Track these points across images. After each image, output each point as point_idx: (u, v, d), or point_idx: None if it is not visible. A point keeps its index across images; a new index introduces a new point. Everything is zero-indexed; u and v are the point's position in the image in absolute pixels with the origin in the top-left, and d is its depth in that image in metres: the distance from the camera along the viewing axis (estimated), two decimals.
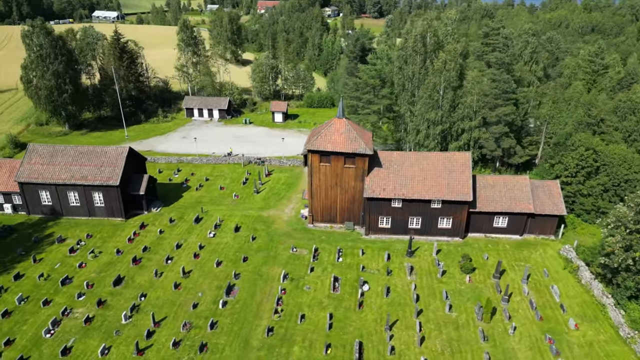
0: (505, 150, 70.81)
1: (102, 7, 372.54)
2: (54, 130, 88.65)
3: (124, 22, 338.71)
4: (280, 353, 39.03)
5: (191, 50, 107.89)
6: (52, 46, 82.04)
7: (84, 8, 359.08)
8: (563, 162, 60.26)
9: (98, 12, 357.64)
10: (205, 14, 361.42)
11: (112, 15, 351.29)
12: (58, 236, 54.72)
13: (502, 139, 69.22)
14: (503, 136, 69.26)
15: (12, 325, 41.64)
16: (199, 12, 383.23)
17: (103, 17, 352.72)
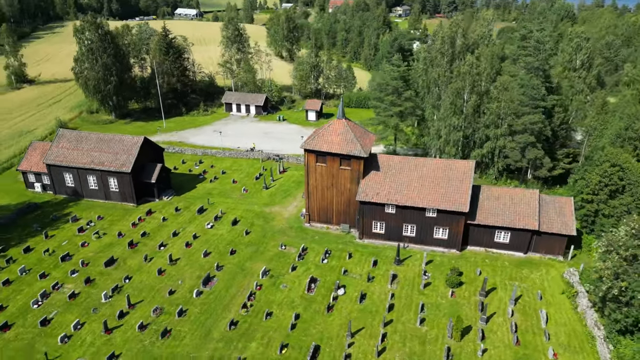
0: (531, 161, 66.18)
1: (184, 5, 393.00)
2: (102, 119, 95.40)
3: (201, 19, 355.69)
4: (236, 347, 39.51)
5: (236, 47, 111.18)
6: (100, 40, 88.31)
7: (167, 6, 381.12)
8: (585, 178, 55.30)
9: (180, 10, 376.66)
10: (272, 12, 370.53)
11: (191, 12, 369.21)
12: (73, 216, 59.02)
13: (528, 149, 64.78)
14: (529, 146, 64.80)
15: (9, 293, 45.66)
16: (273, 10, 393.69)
17: (184, 14, 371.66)
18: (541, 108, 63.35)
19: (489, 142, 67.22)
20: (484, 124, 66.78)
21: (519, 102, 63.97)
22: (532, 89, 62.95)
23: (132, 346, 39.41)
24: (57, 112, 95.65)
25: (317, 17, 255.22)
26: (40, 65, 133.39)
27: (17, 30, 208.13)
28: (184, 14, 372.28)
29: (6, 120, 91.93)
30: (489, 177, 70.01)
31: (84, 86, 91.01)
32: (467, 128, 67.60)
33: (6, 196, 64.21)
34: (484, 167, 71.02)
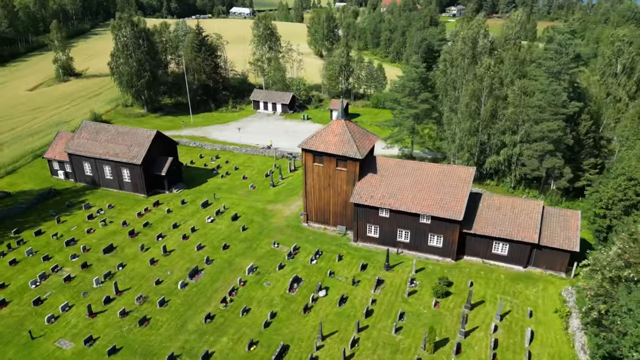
0: (549, 170, 62.64)
1: (240, 4, 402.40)
2: (135, 112, 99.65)
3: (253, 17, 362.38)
4: (207, 340, 40.16)
5: (267, 46, 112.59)
6: (135, 37, 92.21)
7: (223, 5, 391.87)
8: (600, 191, 51.69)
9: (235, 9, 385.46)
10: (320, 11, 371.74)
11: (245, 11, 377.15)
12: (86, 203, 62.13)
13: (546, 158, 61.37)
14: (547, 154, 61.37)
15: (13, 273, 48.77)
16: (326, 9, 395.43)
17: (238, 13, 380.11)
18: (561, 115, 59.77)
19: (505, 148, 64.30)
20: (500, 130, 63.94)
21: (537, 108, 60.74)
22: (551, 94, 59.55)
23: (110, 331, 41.02)
24: (95, 104, 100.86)
25: (364, 16, 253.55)
26: (90, 60, 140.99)
27: (77, 26, 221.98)
28: (238, 12, 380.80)
29: (48, 110, 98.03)
30: (506, 185, 66.99)
31: (118, 80, 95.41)
32: (483, 133, 64.95)
33: (31, 182, 68.58)
34: (501, 175, 68.06)
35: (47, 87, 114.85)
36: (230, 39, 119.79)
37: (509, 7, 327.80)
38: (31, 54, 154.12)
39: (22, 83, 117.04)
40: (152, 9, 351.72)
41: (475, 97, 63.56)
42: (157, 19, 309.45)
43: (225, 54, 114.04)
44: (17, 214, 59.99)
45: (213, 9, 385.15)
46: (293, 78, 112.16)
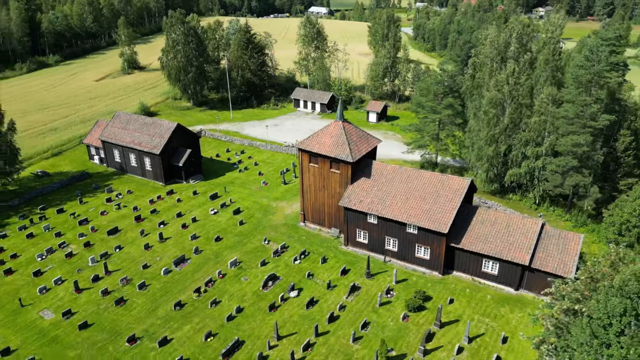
0: (574, 189, 57.37)
1: (318, 3, 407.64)
2: (182, 105, 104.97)
3: (330, 17, 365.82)
4: (171, 327, 41.70)
5: (314, 45, 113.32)
6: (184, 34, 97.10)
7: (302, 4, 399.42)
8: (615, 215, 46.58)
9: (313, 8, 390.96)
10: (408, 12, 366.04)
11: (323, 10, 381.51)
12: (109, 187, 66.72)
13: (569, 174, 56.34)
14: (571, 171, 56.31)
15: (27, 245, 53.71)
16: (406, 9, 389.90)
17: (316, 12, 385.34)
18: (589, 129, 54.46)
19: (527, 160, 59.87)
20: (522, 140, 59.59)
21: (564, 119, 55.87)
22: (579, 105, 54.46)
23: (88, 307, 43.95)
24: (148, 96, 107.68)
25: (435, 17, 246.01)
26: (157, 54, 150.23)
27: (159, 23, 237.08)
28: (316, 12, 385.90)
29: (106, 100, 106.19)
30: (529, 201, 62.31)
31: (167, 74, 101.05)
32: (502, 143, 60.92)
33: (71, 164, 74.87)
34: (524, 189, 63.46)
35: (112, 79, 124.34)
36: (295, 38, 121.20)
37: (605, 9, 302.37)
38: (110, 48, 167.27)
39: (92, 74, 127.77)
40: (234, 8, 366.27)
41: (495, 104, 59.78)
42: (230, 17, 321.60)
43: (273, 52, 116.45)
44: (49, 192, 65.90)
45: (291, 8, 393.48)
46: (337, 78, 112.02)
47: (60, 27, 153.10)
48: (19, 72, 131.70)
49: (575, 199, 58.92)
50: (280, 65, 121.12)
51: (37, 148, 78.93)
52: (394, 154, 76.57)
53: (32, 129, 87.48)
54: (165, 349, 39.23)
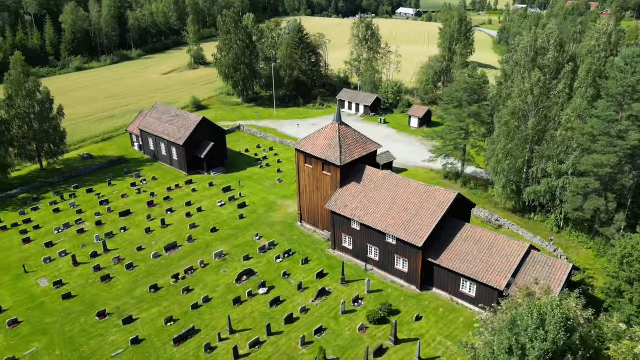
0: (595, 214, 51.60)
1: (408, 4, 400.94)
2: (232, 101, 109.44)
3: (416, 19, 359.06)
4: (141, 307, 44.18)
5: (367, 47, 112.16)
6: (236, 33, 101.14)
7: (390, 5, 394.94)
8: (619, 246, 41.29)
9: (401, 9, 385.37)
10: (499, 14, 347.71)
11: (410, 12, 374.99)
12: (137, 173, 71.70)
13: (590, 197, 50.80)
14: (593, 194, 50.76)
15: (52, 219, 59.54)
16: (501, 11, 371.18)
17: (403, 13, 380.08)
18: (614, 148, 48.67)
19: (547, 178, 54.91)
20: (543, 155, 54.72)
21: (589, 136, 50.50)
22: (605, 121, 48.90)
23: (78, 280, 47.92)
24: (205, 91, 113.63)
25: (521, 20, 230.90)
26: None
27: None
28: (404, 13, 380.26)
29: (167, 92, 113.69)
30: (550, 223, 57.08)
31: (219, 71, 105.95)
32: (519, 156, 56.31)
33: (115, 149, 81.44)
34: (546, 211, 58.26)
35: (178, 73, 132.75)
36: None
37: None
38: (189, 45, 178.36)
39: (162, 68, 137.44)
40: (321, 8, 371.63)
41: (517, 114, 55.47)
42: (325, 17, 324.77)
43: (327, 52, 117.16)
44: (87, 173, 72.39)
45: (378, 9, 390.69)
46: (387, 80, 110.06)
47: (145, 24, 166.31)
48: (103, 63, 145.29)
49: (597, 225, 52.87)
50: (335, 66, 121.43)
51: (91, 132, 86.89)
52: (415, 161, 73.79)
53: (92, 115, 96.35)
54: (128, 327, 41.68)
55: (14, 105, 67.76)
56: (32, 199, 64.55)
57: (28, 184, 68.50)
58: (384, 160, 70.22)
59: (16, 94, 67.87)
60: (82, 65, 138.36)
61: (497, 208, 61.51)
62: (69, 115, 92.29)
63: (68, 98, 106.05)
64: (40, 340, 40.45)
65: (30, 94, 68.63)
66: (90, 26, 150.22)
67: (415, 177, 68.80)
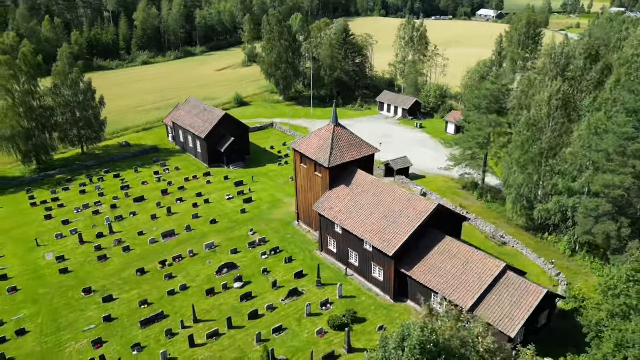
0: (606, 238, 46.82)
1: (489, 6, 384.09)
2: (273, 98, 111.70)
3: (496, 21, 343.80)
4: (124, 289, 46.81)
5: (414, 49, 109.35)
6: (279, 32, 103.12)
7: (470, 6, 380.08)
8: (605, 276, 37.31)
9: (482, 11, 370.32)
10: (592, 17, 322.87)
11: (491, 14, 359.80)
12: (163, 162, 75.72)
13: (601, 220, 46.25)
14: (605, 217, 46.16)
15: (76, 199, 64.58)
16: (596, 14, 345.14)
17: (484, 15, 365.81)
18: (631, 168, 43.90)
19: (558, 196, 50.69)
20: (553, 171, 50.59)
21: (604, 153, 45.98)
22: (620, 138, 44.24)
23: (78, 257, 51.78)
24: (250, 88, 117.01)
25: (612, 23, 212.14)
26: None
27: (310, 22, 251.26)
28: (484, 15, 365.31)
29: (214, 87, 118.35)
30: (563, 245, 52.67)
31: (262, 69, 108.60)
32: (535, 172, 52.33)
33: (151, 139, 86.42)
34: (559, 231, 53.79)
35: (232, 70, 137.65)
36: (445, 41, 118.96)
37: None
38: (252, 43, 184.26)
39: (217, 65, 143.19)
40: (396, 9, 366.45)
41: (531, 126, 51.69)
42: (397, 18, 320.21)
43: (373, 53, 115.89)
44: (120, 160, 77.64)
45: (457, 10, 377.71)
46: (430, 84, 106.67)
47: (211, 22, 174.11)
48: (167, 58, 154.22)
49: (609, 252, 47.89)
50: (382, 67, 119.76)
51: (135, 122, 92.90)
52: (437, 168, 70.91)
53: (141, 107, 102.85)
54: (106, 305, 44.44)
55: (59, 94, 74.19)
56: (66, 180, 70.49)
57: (67, 166, 74.84)
58: (399, 166, 68.45)
59: (62, 83, 74.26)
60: (148, 59, 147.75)
61: (510, 224, 57.72)
62: (120, 106, 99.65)
63: (124, 89, 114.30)
64: (30, 309, 44.31)
65: (74, 84, 74.80)
66: (159, 23, 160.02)
67: (431, 185, 66.59)
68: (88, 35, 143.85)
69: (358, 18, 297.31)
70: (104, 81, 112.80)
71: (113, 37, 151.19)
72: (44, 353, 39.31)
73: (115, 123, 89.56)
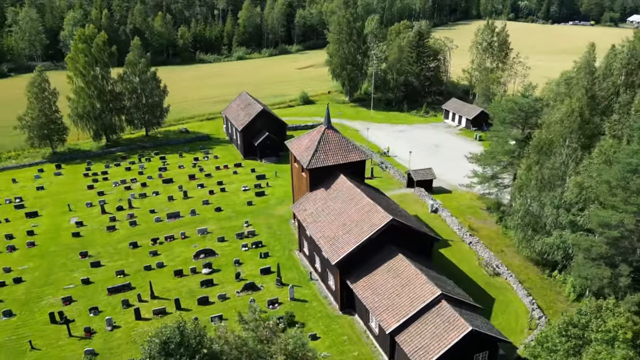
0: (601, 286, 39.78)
1: None
2: (339, 99, 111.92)
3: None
4: (113, 257, 51.82)
5: (492, 55, 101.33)
6: (347, 33, 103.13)
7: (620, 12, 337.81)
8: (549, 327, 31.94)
9: (634, 17, 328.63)
10: None
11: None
12: (207, 150, 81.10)
13: (596, 264, 39.54)
14: (601, 259, 39.43)
15: (120, 175, 72.25)
16: None
17: (635, 21, 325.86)
18: (633, 206, 36.85)
19: (559, 230, 44.32)
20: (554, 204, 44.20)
21: (607, 185, 39.24)
22: (624, 170, 37.29)
23: (93, 224, 58.44)
24: (323, 86, 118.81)
25: None
26: None
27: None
28: (635, 20, 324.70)
29: (287, 84, 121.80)
30: (568, 287, 45.87)
31: (329, 69, 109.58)
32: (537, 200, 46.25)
33: (208, 128, 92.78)
34: (568, 270, 46.87)
35: (312, 69, 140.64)
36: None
37: None
38: None
39: (302, 63, 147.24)
40: (528, 12, 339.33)
41: (539, 148, 45.80)
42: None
43: (449, 58, 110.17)
44: (173, 144, 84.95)
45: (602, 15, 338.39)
46: (503, 93, 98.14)
47: (311, 21, 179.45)
48: (262, 55, 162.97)
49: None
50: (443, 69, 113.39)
51: (201, 111, 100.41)
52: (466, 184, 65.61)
53: (214, 98, 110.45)
54: (92, 269, 49.75)
55: (127, 81, 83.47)
56: (121, 157, 79.33)
57: (128, 145, 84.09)
58: (419, 177, 64.97)
59: (131, 72, 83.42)
60: (243, 55, 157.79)
61: (518, 254, 51.65)
62: (193, 96, 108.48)
63: (205, 82, 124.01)
64: (35, 262, 51.39)
65: (141, 73, 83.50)
66: (261, 21, 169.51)
67: (452, 202, 62.49)
68: (195, 30, 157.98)
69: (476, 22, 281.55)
70: (194, 72, 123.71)
71: (217, 33, 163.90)
72: (26, 301, 45.48)
73: (183, 111, 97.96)
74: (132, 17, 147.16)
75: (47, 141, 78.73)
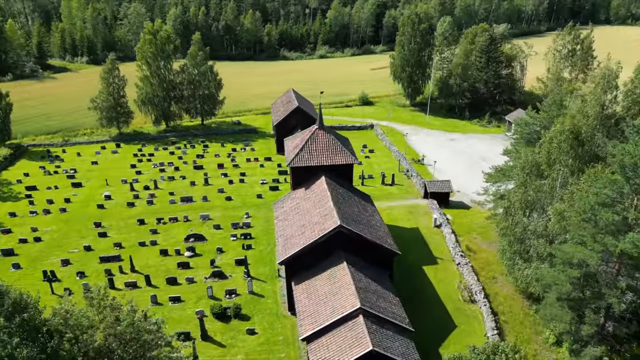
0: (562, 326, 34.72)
1: None
2: (399, 101, 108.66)
3: None
4: (121, 231, 56.96)
5: (571, 64, 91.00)
6: (410, 35, 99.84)
7: None
8: None
9: None
10: None
11: None
12: (247, 142, 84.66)
13: (558, 305, 34.74)
14: (564, 301, 34.57)
15: (162, 158, 78.57)
16: None
17: None
18: (601, 245, 31.64)
19: (537, 262, 39.47)
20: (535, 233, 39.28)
21: (578, 218, 34.19)
22: (598, 203, 32.09)
23: (119, 199, 64.59)
24: (386, 88, 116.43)
25: None
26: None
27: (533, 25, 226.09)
28: None
29: (353, 84, 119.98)
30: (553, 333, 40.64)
31: (391, 71, 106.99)
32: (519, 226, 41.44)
33: (259, 122, 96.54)
34: None
35: (384, 70, 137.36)
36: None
37: None
38: None
39: (377, 64, 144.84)
40: None
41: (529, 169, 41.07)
42: None
43: (527, 65, 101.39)
44: (221, 134, 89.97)
45: None
46: None
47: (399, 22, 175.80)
48: (345, 54, 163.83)
49: (569, 352, 35.09)
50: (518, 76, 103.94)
51: (259, 105, 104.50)
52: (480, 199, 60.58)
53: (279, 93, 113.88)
54: (98, 239, 55.23)
55: (186, 72, 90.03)
56: (172, 142, 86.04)
57: (183, 132, 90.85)
58: (435, 188, 61.58)
59: (190, 64, 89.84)
60: (325, 53, 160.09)
61: (509, 283, 46.76)
62: (258, 91, 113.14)
63: (277, 78, 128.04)
64: (58, 226, 58.41)
65: (199, 66, 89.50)
66: (348, 21, 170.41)
67: (463, 219, 58.77)
68: (282, 28, 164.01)
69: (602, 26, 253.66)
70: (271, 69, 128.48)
71: (303, 32, 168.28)
72: (36, 258, 52.10)
73: (241, 104, 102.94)
74: (225, 15, 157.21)
75: (114, 122, 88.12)
